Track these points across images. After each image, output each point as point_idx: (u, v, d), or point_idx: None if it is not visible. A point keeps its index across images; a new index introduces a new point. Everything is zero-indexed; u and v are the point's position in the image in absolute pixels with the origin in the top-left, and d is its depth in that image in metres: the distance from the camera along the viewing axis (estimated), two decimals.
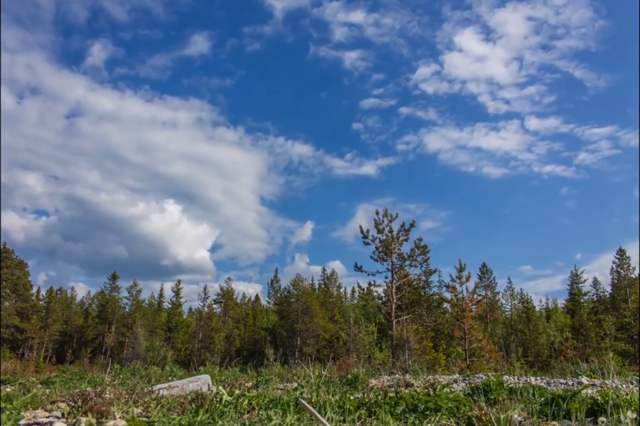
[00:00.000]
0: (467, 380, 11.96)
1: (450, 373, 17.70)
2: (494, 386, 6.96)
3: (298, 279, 47.51)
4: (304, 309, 44.31)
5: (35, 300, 62.13)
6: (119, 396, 6.44)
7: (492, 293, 55.28)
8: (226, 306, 56.89)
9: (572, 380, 11.38)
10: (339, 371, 11.84)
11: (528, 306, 50.04)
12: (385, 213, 28.38)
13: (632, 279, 49.13)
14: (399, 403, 5.29)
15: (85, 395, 5.72)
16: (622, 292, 49.16)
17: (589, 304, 52.75)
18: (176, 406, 5.93)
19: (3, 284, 53.24)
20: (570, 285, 51.92)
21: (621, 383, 10.42)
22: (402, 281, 29.50)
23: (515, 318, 51.25)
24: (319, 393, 6.38)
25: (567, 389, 7.31)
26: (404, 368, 17.06)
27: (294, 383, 9.72)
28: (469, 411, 5.16)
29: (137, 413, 5.46)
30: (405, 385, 9.51)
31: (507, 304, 60.93)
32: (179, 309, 60.21)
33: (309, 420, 4.82)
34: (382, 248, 27.97)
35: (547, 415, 5.37)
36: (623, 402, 5.14)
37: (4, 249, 56.24)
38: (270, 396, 5.97)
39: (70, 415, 5.30)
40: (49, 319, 59.88)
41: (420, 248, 28.09)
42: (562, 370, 15.38)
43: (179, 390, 8.20)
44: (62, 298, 68.07)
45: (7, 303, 54.75)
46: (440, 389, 7.04)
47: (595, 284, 55.92)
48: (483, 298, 44.58)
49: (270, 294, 64.16)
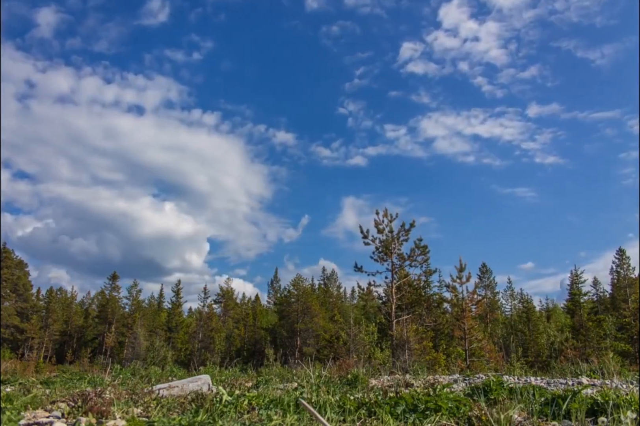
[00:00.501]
0: (467, 380, 11.96)
1: (450, 373, 17.70)
2: (494, 386, 6.96)
3: (298, 279, 47.53)
4: (304, 309, 44.31)
5: (35, 300, 62.14)
6: (119, 396, 6.44)
7: (492, 293, 55.29)
8: (226, 306, 56.87)
9: (572, 380, 11.38)
10: (339, 371, 11.84)
11: (528, 306, 50.06)
12: (385, 212, 28.42)
13: (632, 279, 49.15)
14: (399, 403, 5.29)
15: (85, 395, 5.72)
16: (622, 292, 49.17)
17: (588, 304, 52.75)
18: (176, 406, 5.93)
19: (3, 284, 53.23)
20: (570, 285, 51.95)
21: (621, 383, 10.42)
22: (402, 281, 29.50)
23: (515, 318, 51.25)
24: (319, 393, 6.38)
25: (567, 389, 7.31)
26: (404, 368, 17.06)
27: (294, 383, 9.72)
28: (469, 411, 5.16)
29: (137, 413, 5.46)
30: (405, 385, 9.51)
31: (507, 304, 60.98)
32: (179, 309, 60.21)
33: (309, 420, 4.82)
34: (382, 248, 27.98)
35: (547, 415, 5.37)
36: (623, 402, 5.14)
37: (4, 249, 56.24)
38: (270, 396, 5.97)
39: (70, 415, 5.30)
40: (49, 319, 59.87)
41: (420, 248, 28.11)
42: (562, 370, 15.38)
43: (179, 390, 8.20)
44: (62, 298, 68.09)
45: (7, 303, 54.76)
46: (441, 389, 7.05)
47: (595, 284, 55.96)
48: (483, 298, 44.57)
49: (270, 294, 64.19)
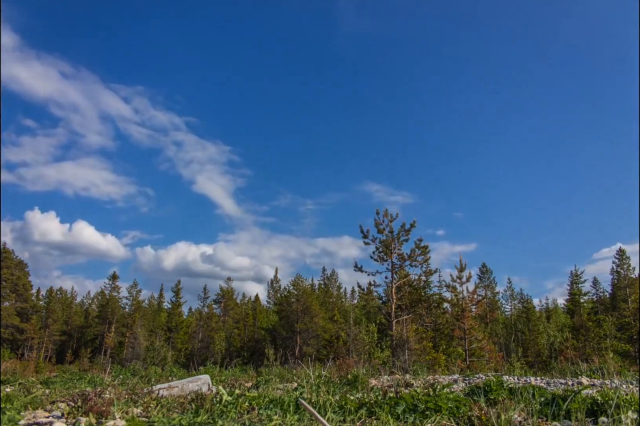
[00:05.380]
0: (467, 380, 11.96)
1: (450, 373, 17.70)
2: (494, 387, 6.96)
3: (298, 279, 47.52)
4: (304, 309, 44.29)
5: (35, 300, 62.14)
6: (119, 396, 6.44)
7: (492, 293, 55.30)
8: (226, 306, 56.89)
9: (572, 380, 11.38)
10: (339, 371, 11.84)
11: (528, 306, 50.07)
12: (385, 212, 28.46)
13: (632, 279, 49.16)
14: (399, 403, 5.29)
15: (85, 395, 5.72)
16: (622, 292, 49.18)
17: (588, 305, 52.77)
18: (176, 406, 5.93)
19: (3, 284, 53.22)
20: (570, 285, 51.98)
21: (621, 383, 10.42)
22: (402, 281, 29.51)
23: (515, 318, 51.27)
24: (319, 393, 6.38)
25: (567, 389, 7.31)
26: (404, 368, 17.07)
27: (293, 383, 9.72)
28: (469, 411, 5.15)
29: (137, 413, 5.46)
30: (405, 385, 9.51)
31: (507, 304, 61.00)
32: (178, 309, 60.20)
33: (309, 420, 4.82)
34: (382, 248, 28.00)
35: (547, 415, 5.37)
36: (623, 402, 5.14)
37: (4, 249, 56.24)
38: (270, 396, 5.97)
39: (70, 415, 5.29)
40: (49, 319, 59.89)
41: (420, 248, 28.12)
42: (562, 370, 15.40)
43: (178, 390, 8.20)
44: (62, 298, 68.11)
45: (7, 303, 54.75)
46: (441, 389, 7.04)
47: (595, 284, 55.99)
48: (483, 298, 44.58)
49: (270, 294, 64.16)
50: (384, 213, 28.42)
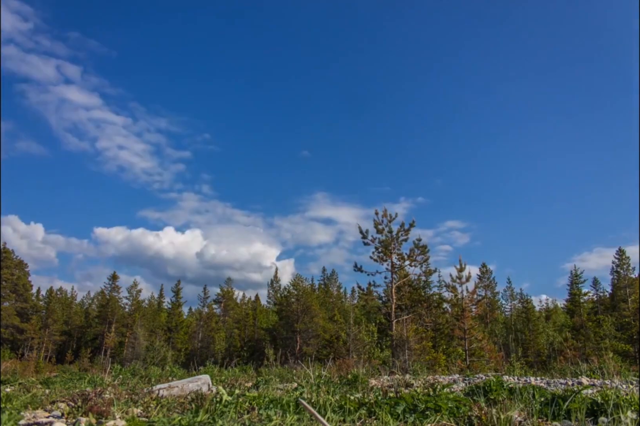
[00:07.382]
0: (467, 380, 11.96)
1: (450, 373, 17.70)
2: (494, 387, 6.96)
3: (298, 279, 47.51)
4: (304, 309, 44.28)
5: (35, 300, 62.13)
6: (119, 396, 6.44)
7: (492, 293, 55.29)
8: (226, 307, 56.89)
9: (572, 380, 11.39)
10: (339, 371, 11.84)
11: (528, 306, 50.05)
12: (384, 213, 28.42)
13: (632, 279, 49.14)
14: (399, 403, 5.29)
15: (85, 395, 5.72)
16: (622, 292, 49.17)
17: (588, 305, 52.75)
18: (176, 406, 5.93)
19: (3, 284, 53.22)
20: (570, 285, 51.95)
21: (621, 383, 10.42)
22: (402, 281, 29.49)
23: (515, 318, 51.26)
24: (319, 393, 6.38)
25: (567, 389, 7.31)
26: (404, 368, 17.07)
27: (293, 383, 9.71)
28: (469, 411, 5.15)
29: (137, 413, 5.46)
30: (405, 385, 9.51)
31: (507, 304, 60.99)
32: (179, 309, 60.20)
33: (309, 420, 4.82)
34: (382, 248, 27.98)
35: (547, 415, 5.37)
36: (623, 402, 5.14)
37: (4, 249, 56.22)
38: (270, 396, 5.96)
39: (70, 415, 5.29)
40: (49, 319, 59.87)
41: (420, 248, 28.09)
42: (562, 370, 15.40)
43: (178, 390, 8.19)
44: (62, 298, 68.09)
45: (7, 303, 54.75)
46: (440, 389, 7.04)
47: (595, 284, 55.97)
48: (483, 298, 44.60)
49: (270, 294, 64.13)
50: (383, 213, 28.40)
